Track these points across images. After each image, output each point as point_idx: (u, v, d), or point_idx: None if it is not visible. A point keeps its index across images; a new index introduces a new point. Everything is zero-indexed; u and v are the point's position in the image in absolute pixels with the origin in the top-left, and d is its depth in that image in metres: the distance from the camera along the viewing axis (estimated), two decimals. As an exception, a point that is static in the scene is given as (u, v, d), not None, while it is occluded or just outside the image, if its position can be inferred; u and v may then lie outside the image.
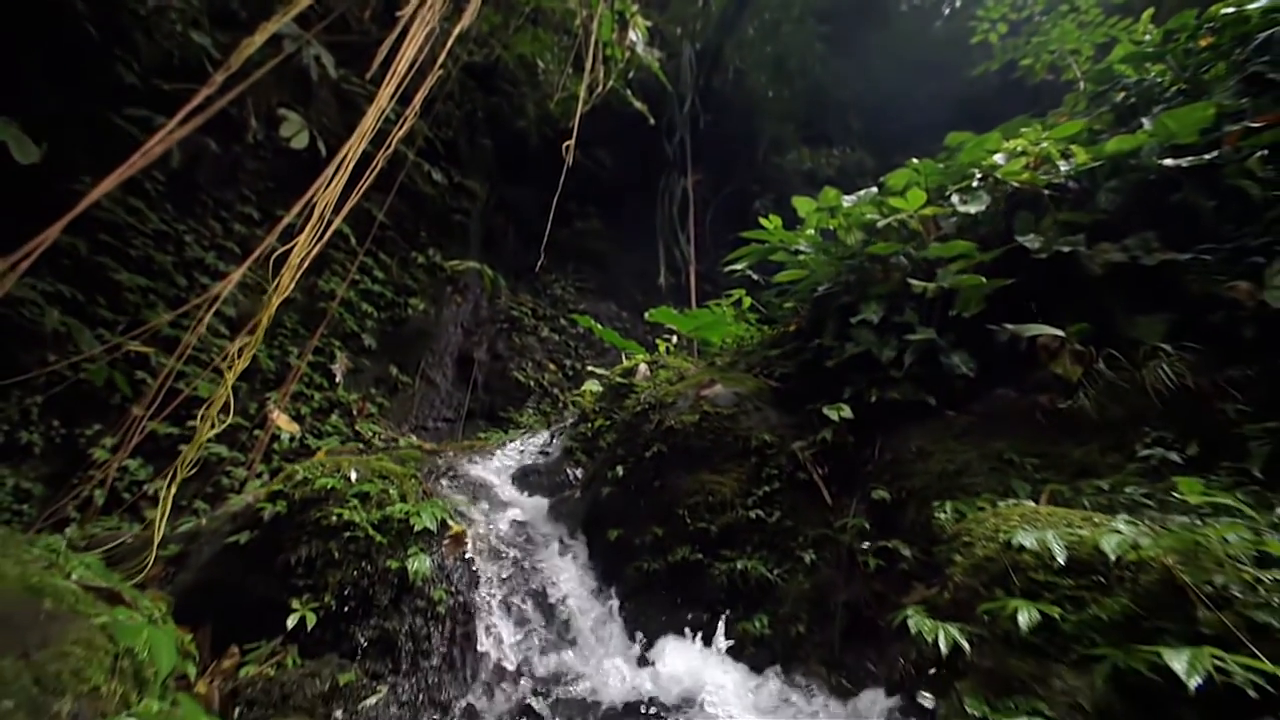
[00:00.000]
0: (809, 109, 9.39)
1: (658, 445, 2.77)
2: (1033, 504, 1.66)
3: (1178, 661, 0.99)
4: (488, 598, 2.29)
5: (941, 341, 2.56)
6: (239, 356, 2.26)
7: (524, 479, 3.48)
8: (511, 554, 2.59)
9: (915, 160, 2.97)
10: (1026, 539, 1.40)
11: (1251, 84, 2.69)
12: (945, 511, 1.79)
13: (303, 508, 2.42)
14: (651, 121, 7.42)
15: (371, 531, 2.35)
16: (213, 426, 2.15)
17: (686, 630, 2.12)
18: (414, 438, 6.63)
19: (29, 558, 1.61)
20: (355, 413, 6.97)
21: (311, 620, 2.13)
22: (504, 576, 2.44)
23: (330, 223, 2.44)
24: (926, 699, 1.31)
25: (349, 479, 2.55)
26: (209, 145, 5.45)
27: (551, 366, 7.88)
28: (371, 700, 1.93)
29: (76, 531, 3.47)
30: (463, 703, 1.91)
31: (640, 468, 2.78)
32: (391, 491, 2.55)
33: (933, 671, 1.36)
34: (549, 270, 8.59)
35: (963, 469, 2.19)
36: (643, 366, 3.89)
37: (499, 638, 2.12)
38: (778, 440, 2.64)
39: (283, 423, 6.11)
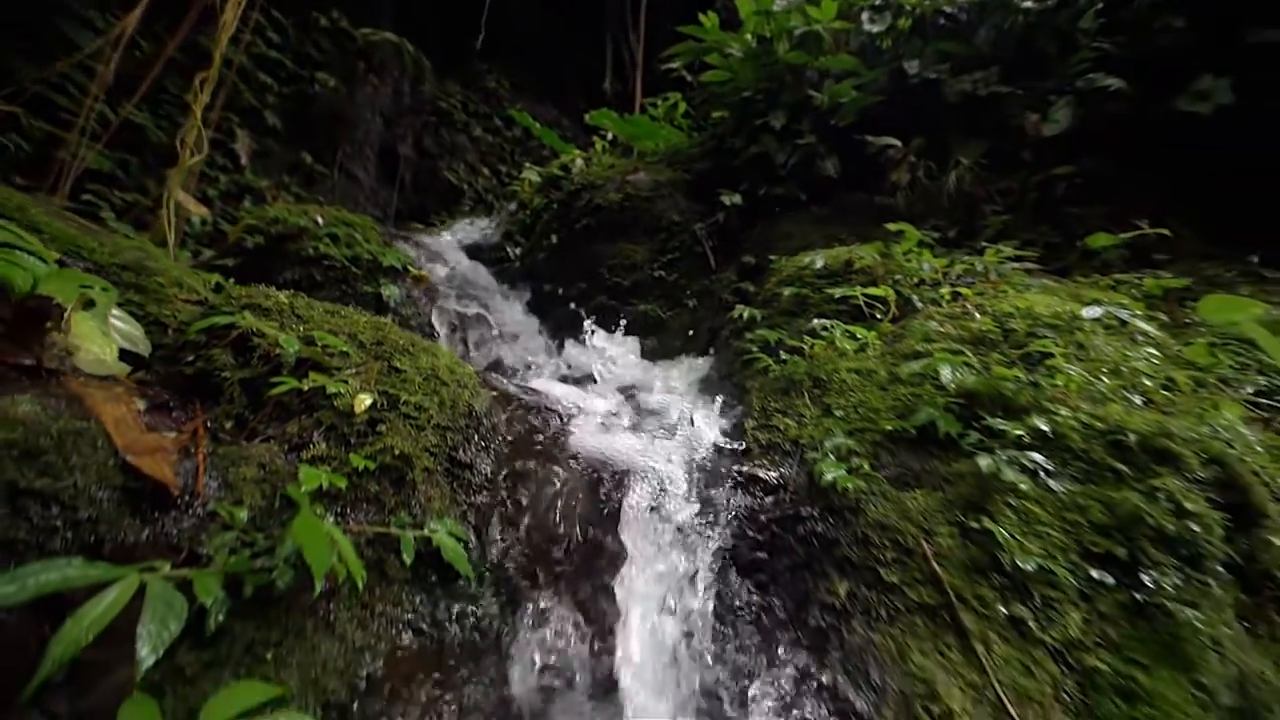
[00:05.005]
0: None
1: (586, 220, 3.57)
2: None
3: (837, 291, 2.06)
4: (446, 320, 3.20)
5: (820, 148, 3.40)
6: (200, 89, 2.65)
7: (469, 253, 4.23)
8: (463, 297, 3.47)
9: (841, -30, 3.43)
10: (807, 259, 2.43)
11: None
12: (779, 259, 2.81)
13: (279, 241, 3.08)
14: None
15: (347, 264, 3.09)
16: (192, 155, 2.64)
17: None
18: (343, 229, 6.94)
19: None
20: (269, 200, 7.08)
21: (307, 322, 2.96)
22: (458, 309, 3.34)
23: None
24: (728, 344, 2.44)
25: (317, 222, 3.19)
26: None
27: (486, 171, 8.07)
28: (367, 371, 2.88)
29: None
30: (436, 374, 2.92)
31: (571, 237, 3.61)
32: (357, 235, 3.24)
33: (739, 331, 2.47)
34: (481, 58, 8.19)
35: (809, 244, 3.21)
36: (579, 161, 4.48)
37: (456, 343, 3.10)
38: (684, 220, 3.53)
39: (191, 205, 6.25)
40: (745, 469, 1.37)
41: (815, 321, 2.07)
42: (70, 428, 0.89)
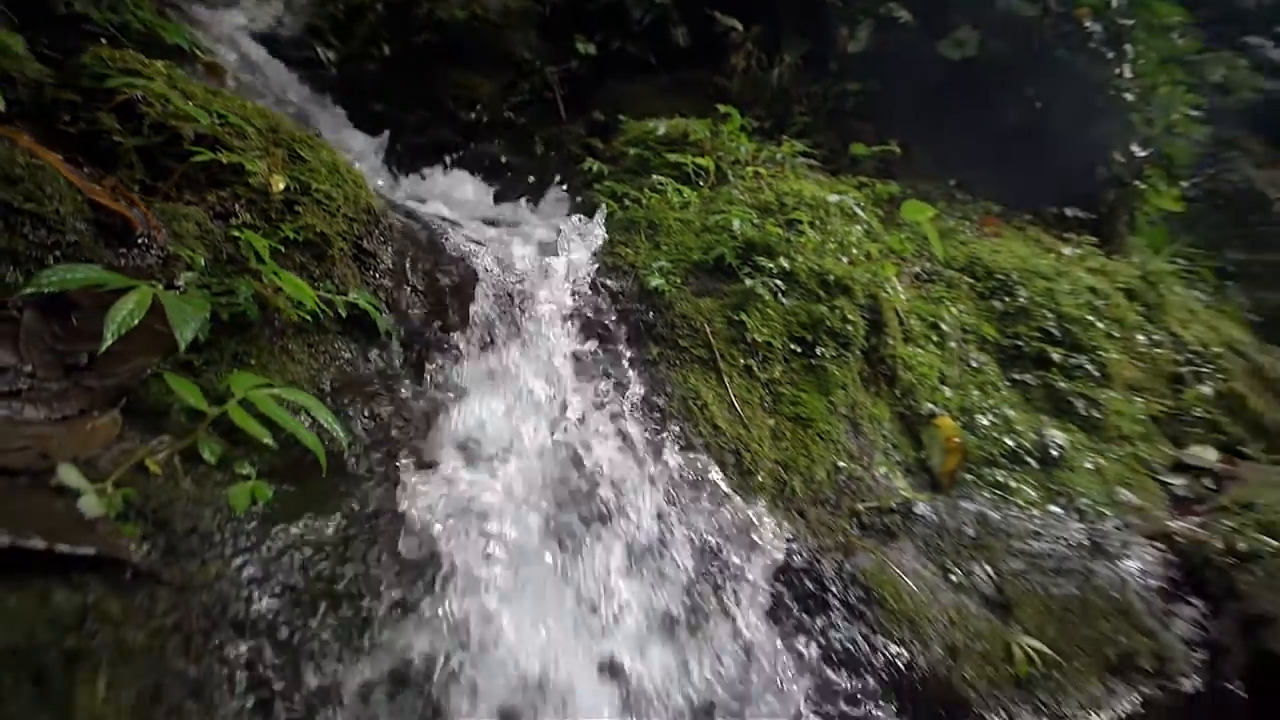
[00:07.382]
0: None
1: (427, 35, 3.49)
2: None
3: (673, 157, 2.69)
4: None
5: (674, 13, 3.79)
6: None
7: (264, 44, 3.75)
8: (270, 100, 3.22)
9: None
10: (652, 124, 2.98)
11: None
12: (628, 121, 3.29)
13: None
14: None
15: (115, 33, 2.64)
16: None
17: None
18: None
19: None
20: None
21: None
22: (271, 115, 3.13)
23: None
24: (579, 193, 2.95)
25: (51, -44, 2.59)
26: None
27: (256, -76, 6.45)
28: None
29: None
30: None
31: (407, 53, 3.52)
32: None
33: (589, 183, 2.97)
34: None
35: (655, 111, 3.71)
36: (411, -45, 4.09)
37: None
38: (536, 60, 3.70)
39: None
40: (595, 280, 1.98)
41: (654, 178, 2.67)
42: (34, 162, 1.03)
